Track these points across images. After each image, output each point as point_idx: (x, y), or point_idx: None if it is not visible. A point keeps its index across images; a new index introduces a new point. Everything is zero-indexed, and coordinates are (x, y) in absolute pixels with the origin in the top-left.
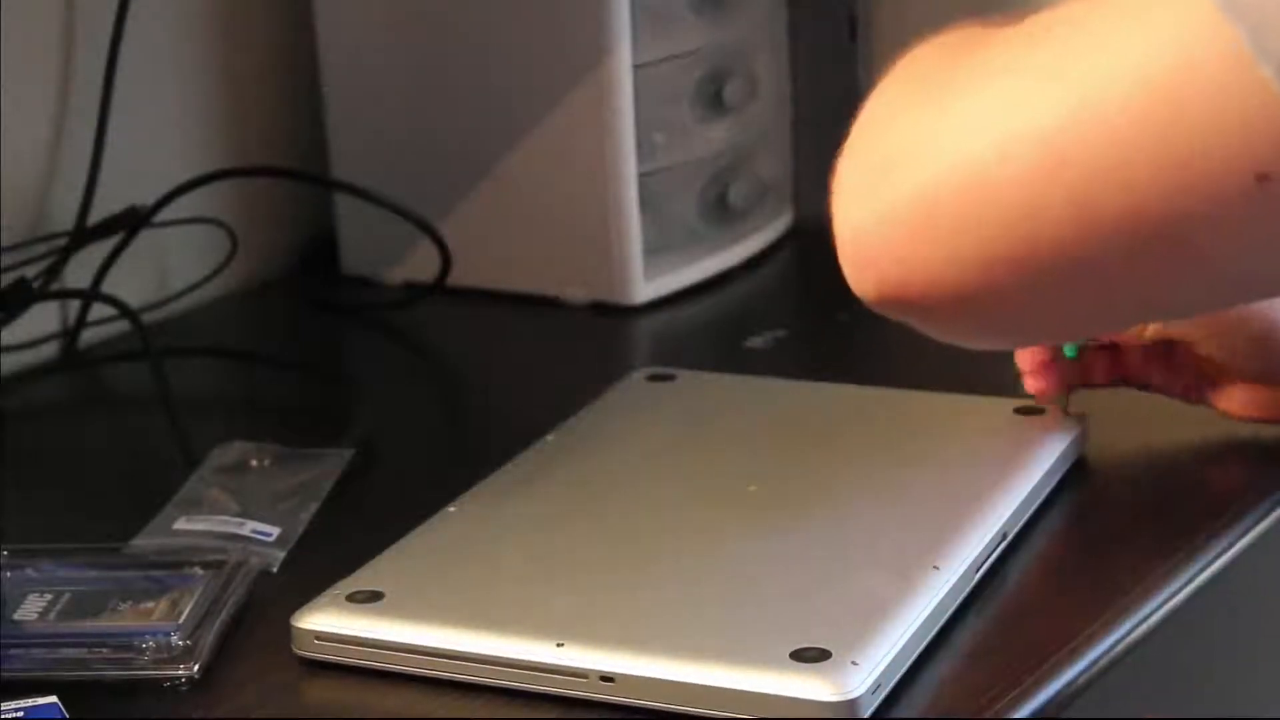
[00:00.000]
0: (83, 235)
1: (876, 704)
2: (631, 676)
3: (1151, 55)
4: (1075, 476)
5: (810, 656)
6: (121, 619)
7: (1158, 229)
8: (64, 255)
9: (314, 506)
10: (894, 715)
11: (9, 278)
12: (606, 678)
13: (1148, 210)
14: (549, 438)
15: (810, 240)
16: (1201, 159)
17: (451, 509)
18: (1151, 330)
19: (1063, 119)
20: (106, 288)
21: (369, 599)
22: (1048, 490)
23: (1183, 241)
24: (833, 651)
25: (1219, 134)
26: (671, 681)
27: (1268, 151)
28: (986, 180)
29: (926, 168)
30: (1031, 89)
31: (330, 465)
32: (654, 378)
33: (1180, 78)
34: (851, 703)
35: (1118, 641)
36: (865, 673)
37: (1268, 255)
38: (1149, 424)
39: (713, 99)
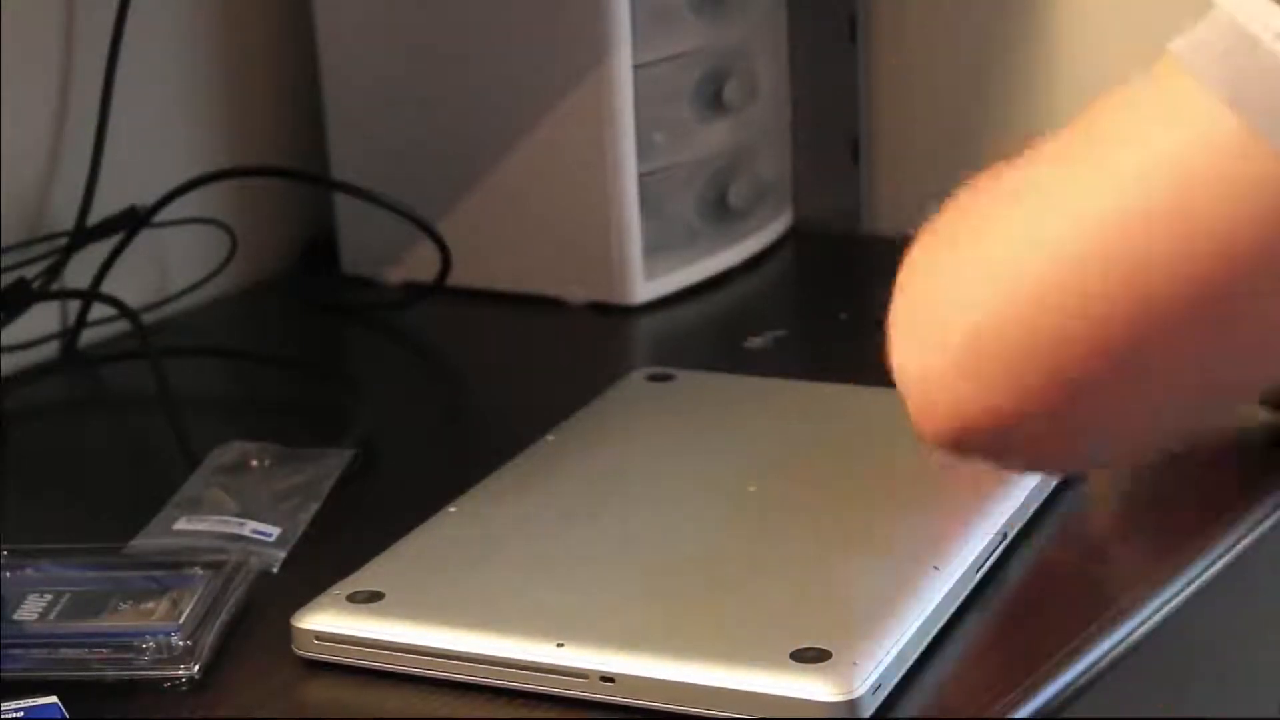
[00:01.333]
0: (83, 235)
1: (877, 704)
2: (632, 677)
3: (1170, 147)
4: (1075, 477)
5: (810, 657)
6: (121, 619)
7: (1204, 309)
8: (64, 255)
9: (314, 506)
10: (894, 715)
11: (9, 278)
12: (607, 678)
13: (1190, 292)
14: (549, 438)
15: (810, 240)
16: (1226, 227)
17: (451, 509)
18: None
19: (1095, 225)
20: (106, 288)
21: (369, 599)
22: (1048, 490)
23: (1232, 315)
24: (833, 652)
25: (1233, 209)
26: (672, 682)
27: None
28: (1035, 301)
29: (976, 306)
30: (1059, 204)
31: (330, 465)
32: (653, 378)
33: (1184, 161)
34: (852, 703)
35: (1118, 641)
36: (866, 673)
37: None
38: None
39: (713, 99)
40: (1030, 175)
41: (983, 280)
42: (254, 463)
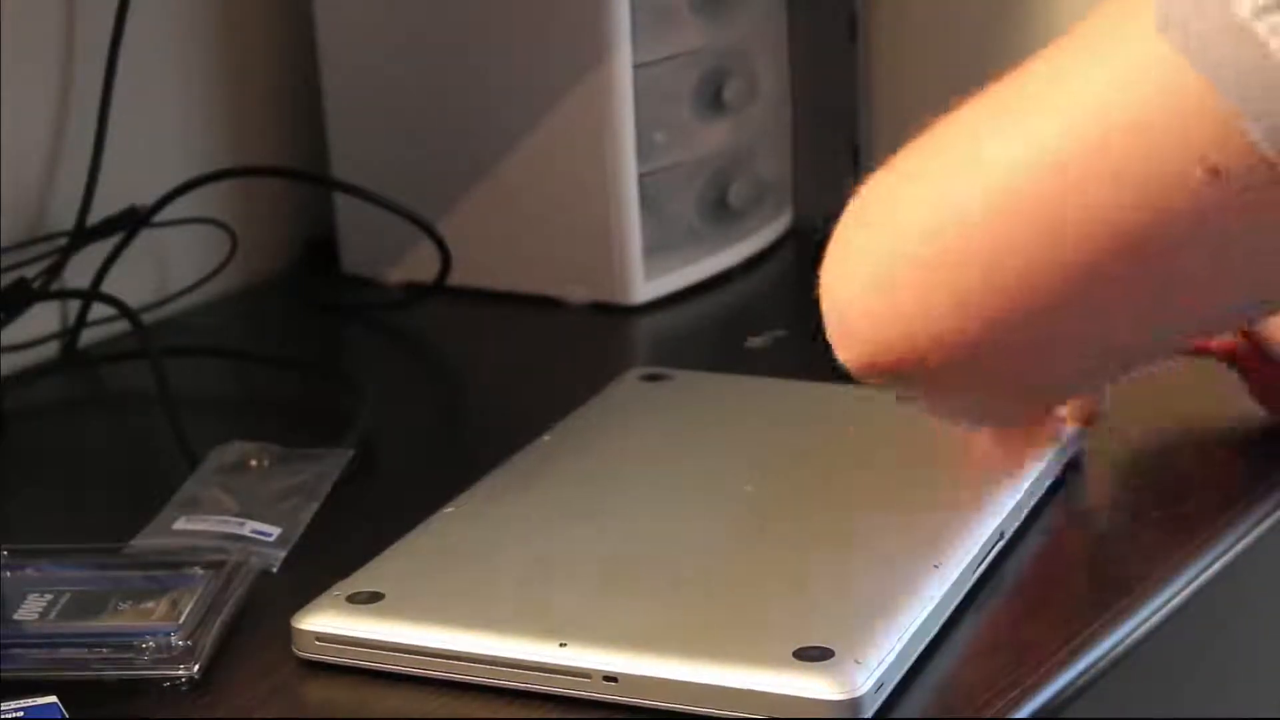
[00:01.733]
0: (83, 235)
1: (879, 703)
2: (635, 676)
3: (1106, 81)
4: (1075, 474)
5: (813, 655)
6: (121, 619)
7: (1131, 245)
8: (64, 255)
9: (314, 506)
10: (896, 714)
11: (9, 278)
12: (610, 677)
13: (1119, 227)
14: (545, 438)
15: (810, 240)
16: (1158, 164)
17: (449, 509)
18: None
19: (1033, 154)
20: (106, 288)
21: (369, 600)
22: (1046, 488)
23: (1160, 255)
24: (835, 650)
25: (1166, 137)
26: (675, 681)
27: (1210, 146)
28: (967, 221)
29: (909, 221)
30: (999, 132)
31: (330, 465)
32: (648, 378)
33: (1128, 97)
34: (855, 701)
35: (1118, 641)
36: (868, 671)
37: (1246, 258)
38: (1148, 421)
39: (713, 99)
40: (983, 103)
41: (914, 202)
42: (254, 463)
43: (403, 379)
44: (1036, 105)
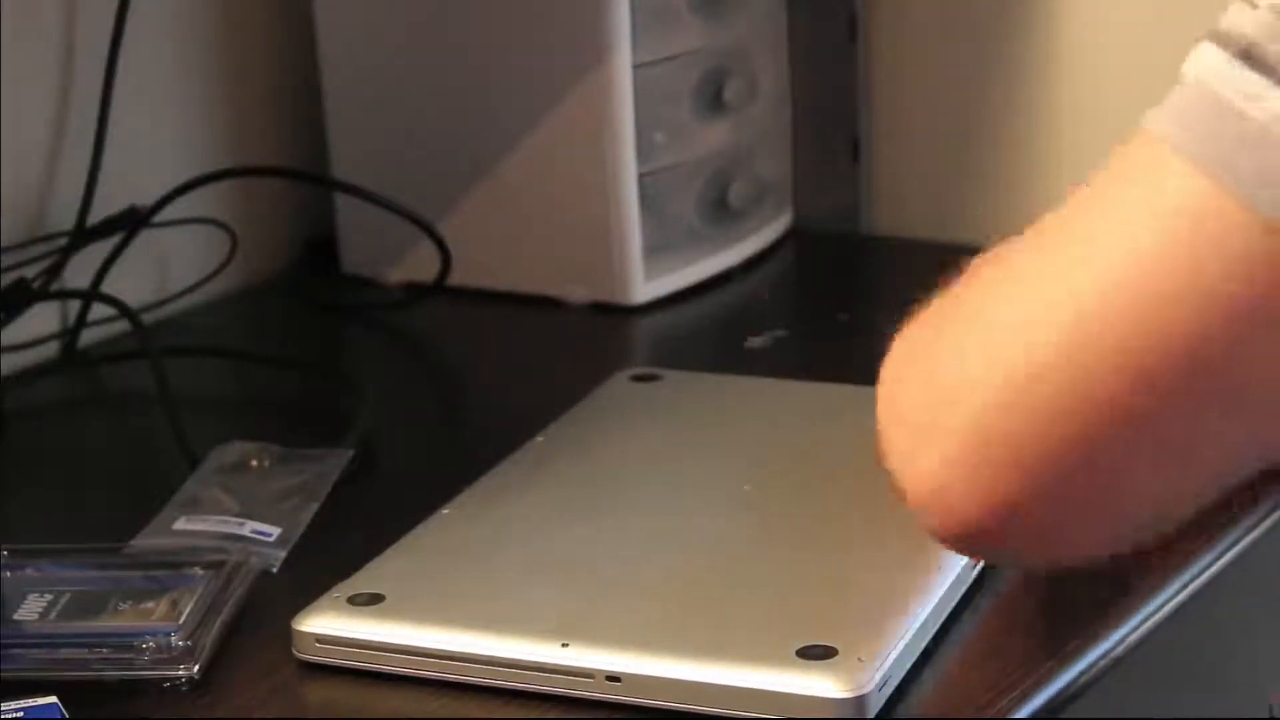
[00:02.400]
0: (83, 235)
1: (883, 701)
2: (638, 676)
3: (1143, 223)
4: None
5: (817, 654)
6: (121, 619)
7: (1200, 369)
8: (64, 255)
9: (314, 507)
10: (898, 713)
11: (9, 278)
12: (613, 677)
13: (1182, 355)
14: (539, 439)
15: (810, 240)
16: (1223, 282)
17: (446, 510)
18: None
19: (1090, 301)
20: (106, 288)
21: (369, 601)
22: None
23: (1229, 373)
24: (839, 649)
25: (1220, 269)
26: (679, 680)
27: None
28: (1032, 385)
29: (971, 397)
30: (1048, 286)
31: (330, 465)
32: (638, 378)
33: (1170, 229)
34: (859, 700)
35: (1117, 642)
36: (872, 670)
37: None
38: None
39: (713, 99)
40: (1016, 260)
41: (975, 370)
42: (254, 463)
43: (403, 379)
44: (1089, 252)
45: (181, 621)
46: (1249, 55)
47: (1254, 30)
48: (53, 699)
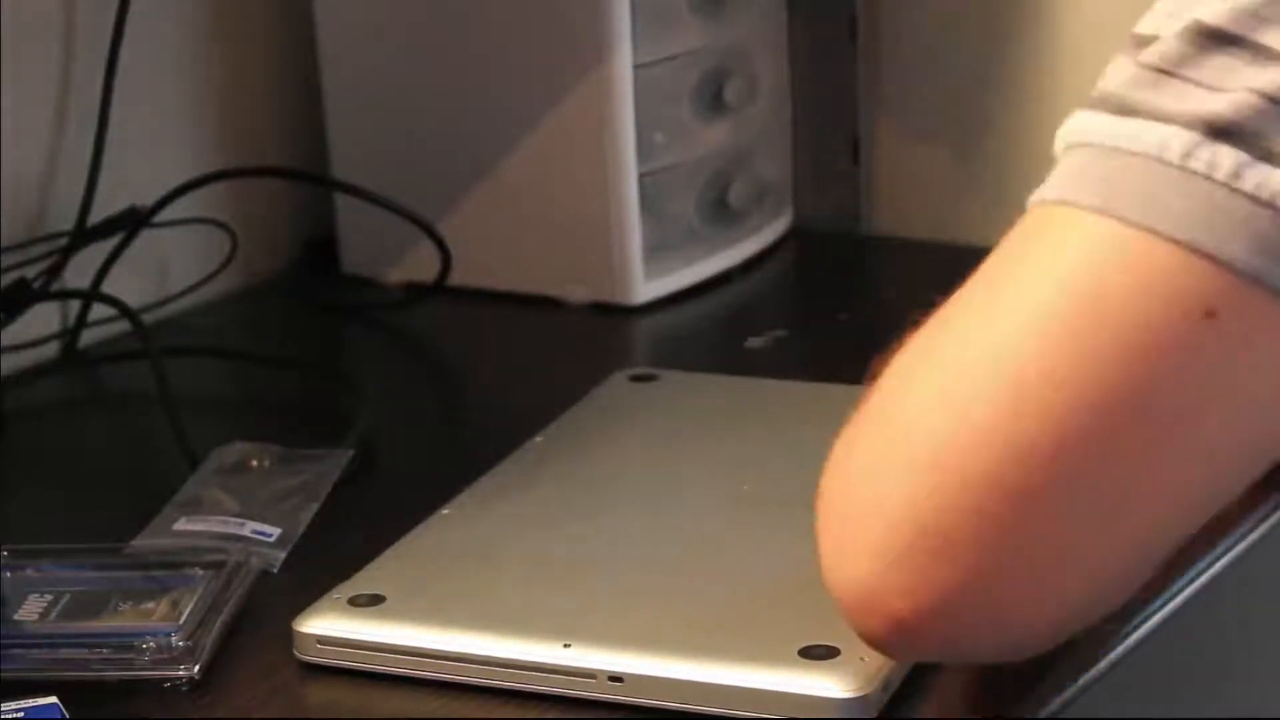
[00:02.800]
0: (83, 235)
1: (885, 701)
2: (640, 676)
3: (1057, 272)
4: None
5: (819, 654)
6: (121, 619)
7: (1137, 412)
8: (64, 255)
9: (314, 507)
10: (901, 713)
11: (9, 278)
12: (615, 677)
13: (1119, 396)
14: (537, 439)
15: (810, 240)
16: (1143, 329)
17: (445, 511)
18: None
19: (1006, 364)
20: (106, 288)
21: (370, 602)
22: None
23: (1161, 412)
24: (841, 649)
25: (1135, 305)
26: (681, 680)
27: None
28: (951, 460)
29: (890, 496)
30: (959, 354)
31: (330, 466)
32: (636, 378)
33: (1091, 272)
34: (862, 699)
35: (1118, 642)
36: (874, 670)
37: (1242, 405)
38: None
39: (713, 99)
40: (926, 341)
41: (893, 465)
42: (254, 463)
43: (403, 379)
44: (1000, 313)
45: (182, 622)
46: (1123, 109)
47: (1118, 86)
48: (53, 699)
